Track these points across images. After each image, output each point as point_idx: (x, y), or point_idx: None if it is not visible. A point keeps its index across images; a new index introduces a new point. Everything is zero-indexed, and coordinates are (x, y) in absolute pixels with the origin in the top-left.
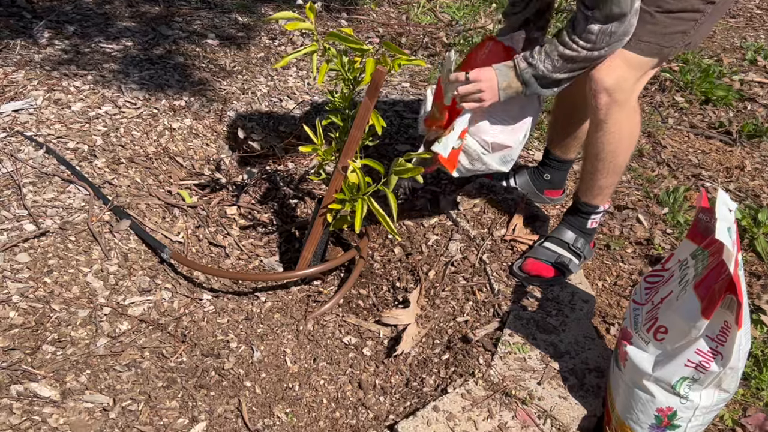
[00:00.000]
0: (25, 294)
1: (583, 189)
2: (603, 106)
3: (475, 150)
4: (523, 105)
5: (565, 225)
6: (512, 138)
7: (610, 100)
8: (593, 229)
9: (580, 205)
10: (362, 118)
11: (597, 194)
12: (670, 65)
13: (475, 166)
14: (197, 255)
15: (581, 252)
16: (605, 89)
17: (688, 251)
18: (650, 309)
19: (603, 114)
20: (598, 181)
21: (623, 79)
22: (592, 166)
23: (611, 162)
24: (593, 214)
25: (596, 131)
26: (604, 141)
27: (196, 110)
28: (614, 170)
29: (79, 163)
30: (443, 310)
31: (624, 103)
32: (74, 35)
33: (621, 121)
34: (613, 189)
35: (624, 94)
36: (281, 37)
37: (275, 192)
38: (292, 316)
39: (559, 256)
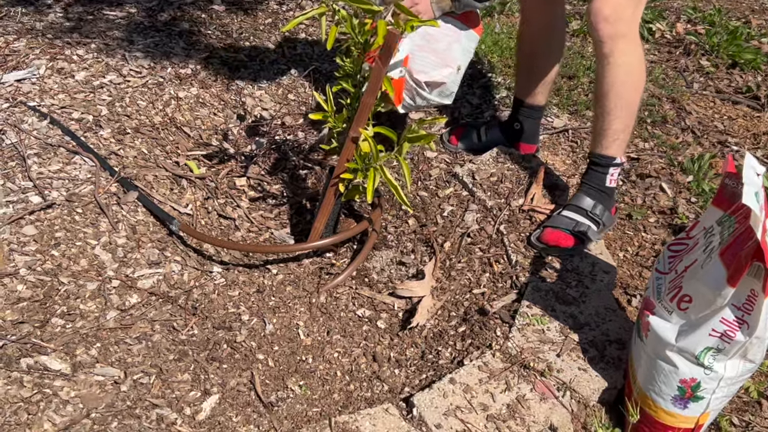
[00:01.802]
0: (32, 267)
1: (596, 140)
2: (606, 37)
3: (414, 87)
4: (449, 41)
5: (582, 191)
6: (443, 73)
7: (612, 30)
8: (613, 188)
9: (595, 158)
10: (374, 83)
11: (612, 141)
12: (695, 28)
13: (417, 102)
14: (206, 227)
15: (600, 218)
16: (605, 18)
17: (713, 218)
18: (674, 278)
19: (608, 47)
20: (611, 125)
21: (621, 7)
22: (603, 108)
23: (622, 99)
24: (611, 167)
25: (603, 67)
26: (612, 76)
27: (203, 78)
28: (627, 109)
29: (84, 134)
30: (459, 282)
31: (627, 34)
32: (77, 2)
33: (626, 52)
34: (626, 138)
35: (625, 23)
36: (289, 2)
37: (285, 162)
38: (305, 289)
39: (577, 224)
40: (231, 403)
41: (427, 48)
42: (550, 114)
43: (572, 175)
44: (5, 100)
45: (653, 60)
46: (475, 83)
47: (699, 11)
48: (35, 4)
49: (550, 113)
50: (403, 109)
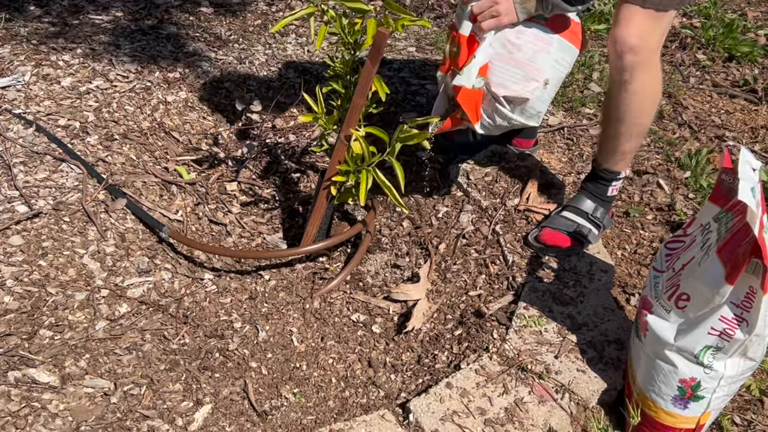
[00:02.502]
0: (19, 278)
1: (604, 155)
2: (628, 66)
3: (492, 102)
4: (535, 50)
5: (584, 193)
6: (528, 87)
7: (635, 59)
8: (613, 196)
9: (601, 171)
10: (364, 84)
11: (620, 160)
12: (690, 21)
13: (497, 121)
14: (197, 233)
15: (601, 222)
16: (630, 48)
17: (710, 214)
18: (671, 276)
19: (628, 75)
20: (621, 146)
21: (647, 36)
22: (615, 131)
23: (635, 125)
24: (614, 181)
25: (620, 93)
26: (628, 103)
27: (192, 82)
28: (638, 133)
29: (70, 141)
30: (455, 284)
31: (648, 62)
32: (62, 7)
33: (646, 81)
34: (634, 153)
35: (648, 52)
36: (279, 3)
37: (276, 166)
38: (298, 295)
39: (578, 226)
40: (224, 413)
41: (508, 58)
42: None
43: (568, 173)
44: None
45: None
46: None
47: (694, 4)
48: (20, 9)
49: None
50: (482, 129)
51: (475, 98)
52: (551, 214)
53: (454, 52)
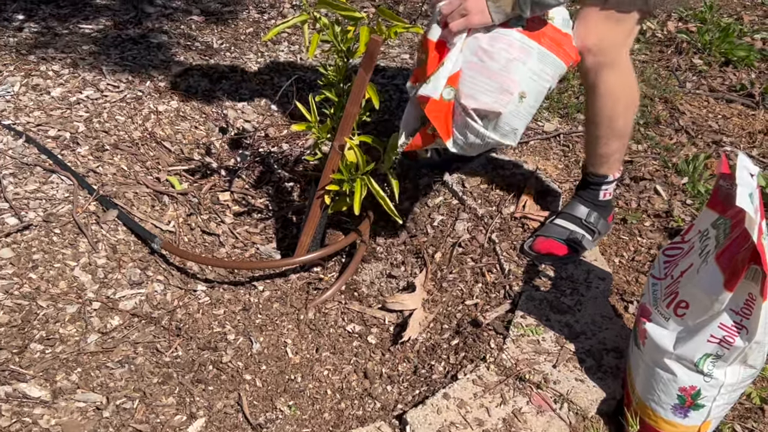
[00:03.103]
0: (9, 291)
1: (588, 159)
2: (590, 68)
3: (462, 115)
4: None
5: (576, 199)
6: (499, 100)
7: (596, 61)
8: (607, 201)
9: (588, 176)
10: (358, 91)
11: (603, 162)
12: (686, 26)
13: (470, 138)
14: (190, 244)
15: (594, 227)
16: (589, 49)
17: (708, 221)
18: (670, 283)
19: (592, 77)
20: (599, 149)
21: (606, 37)
22: (592, 134)
23: (609, 127)
24: (603, 185)
25: (589, 96)
26: (598, 106)
27: (183, 91)
28: (615, 135)
29: (61, 152)
30: (451, 293)
31: (612, 64)
32: (50, 16)
33: (612, 83)
34: (619, 156)
35: (610, 53)
36: (271, 11)
37: (269, 175)
38: (292, 305)
39: (571, 233)
40: (218, 427)
41: (480, 66)
42: (540, 118)
43: (564, 180)
44: None
45: (644, 60)
46: None
47: (690, 8)
48: (8, 19)
49: (541, 117)
50: (454, 146)
51: (444, 111)
52: (546, 222)
53: (423, 59)
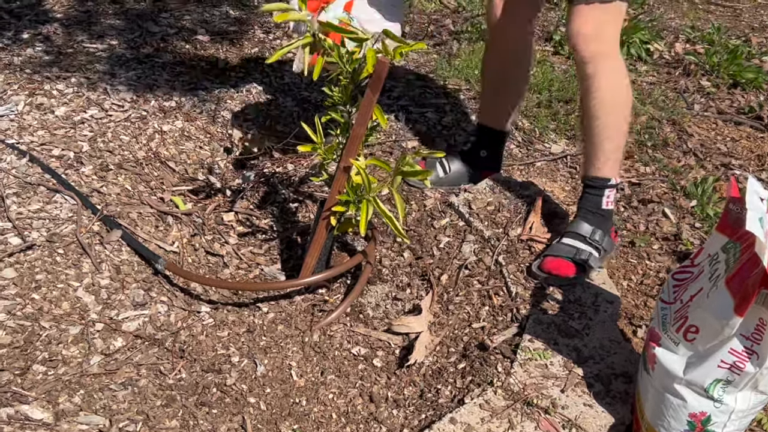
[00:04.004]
0: (12, 312)
1: (588, 162)
2: (589, 58)
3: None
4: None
5: (580, 216)
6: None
7: (594, 49)
8: (610, 210)
9: (589, 181)
10: (365, 113)
11: (604, 162)
12: (694, 47)
13: None
14: (194, 265)
15: (600, 244)
16: (585, 38)
17: (718, 245)
18: (679, 308)
19: (592, 67)
20: (603, 146)
21: (602, 26)
22: (593, 131)
23: (612, 119)
24: (606, 189)
25: (588, 89)
26: (599, 98)
27: (188, 111)
28: (618, 129)
29: (65, 171)
30: (458, 316)
31: (610, 54)
32: (56, 35)
33: (611, 71)
34: (620, 156)
35: (607, 42)
36: (276, 31)
37: (274, 196)
38: (297, 327)
39: (577, 251)
40: None
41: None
42: (547, 140)
43: (572, 202)
44: None
45: (652, 81)
46: (469, 109)
47: (698, 30)
48: (13, 38)
49: (548, 139)
50: None
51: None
52: (552, 243)
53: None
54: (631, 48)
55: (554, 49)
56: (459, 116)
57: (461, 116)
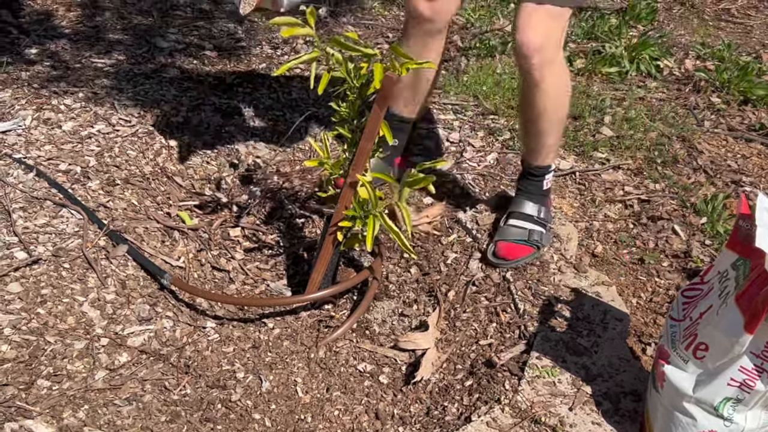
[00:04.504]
0: (17, 326)
1: (532, 154)
2: (537, 67)
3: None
4: None
5: (522, 196)
6: None
7: (541, 59)
8: (548, 189)
9: (533, 170)
10: (372, 128)
11: (548, 153)
12: (704, 64)
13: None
14: (199, 280)
15: (546, 221)
16: (536, 49)
17: (728, 261)
18: (689, 325)
19: (539, 75)
20: (546, 142)
21: (550, 34)
22: (536, 128)
23: (554, 119)
24: (547, 174)
25: (533, 93)
26: (543, 101)
27: (195, 126)
28: (558, 125)
29: (71, 186)
30: (465, 332)
31: (554, 60)
32: (63, 50)
33: (555, 77)
34: (559, 145)
35: (553, 50)
36: (284, 46)
37: (281, 211)
38: (303, 343)
39: (530, 232)
40: None
41: None
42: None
43: (580, 218)
44: None
45: (662, 98)
46: (477, 125)
47: (708, 47)
48: (21, 53)
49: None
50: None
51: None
52: (500, 225)
53: None
54: (641, 65)
55: None
56: (467, 131)
57: (468, 131)
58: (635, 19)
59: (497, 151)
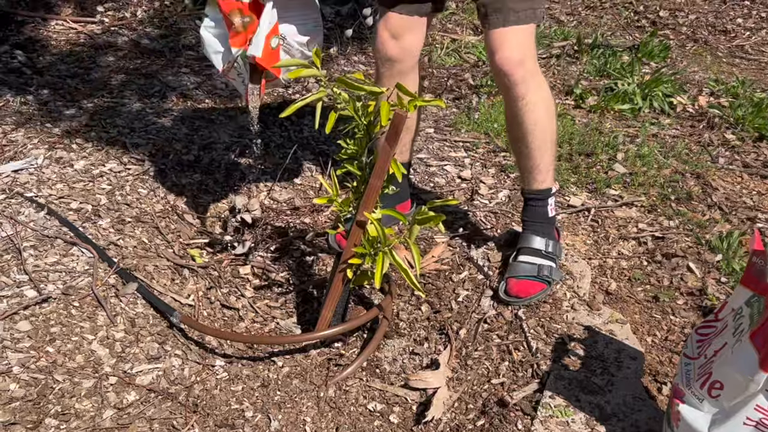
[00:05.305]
0: (26, 364)
1: (529, 177)
2: (520, 80)
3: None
4: None
5: (529, 230)
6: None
7: (524, 71)
8: (554, 217)
9: (533, 195)
10: (382, 165)
11: (546, 174)
12: (718, 100)
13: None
14: (209, 318)
15: (555, 255)
16: (518, 63)
17: (742, 299)
18: (703, 363)
19: (523, 89)
20: (543, 160)
21: (526, 48)
22: (529, 146)
23: (546, 132)
24: (549, 198)
25: (519, 109)
26: (533, 115)
27: (206, 164)
28: (552, 141)
29: (82, 224)
30: (476, 371)
31: (535, 72)
32: (76, 90)
33: (538, 88)
34: (554, 165)
35: (532, 62)
36: (296, 85)
37: (291, 248)
38: (312, 382)
39: (539, 268)
40: None
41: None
42: (567, 193)
43: (593, 256)
44: (1, 191)
45: (675, 135)
46: (488, 162)
47: (722, 83)
48: (34, 93)
49: (568, 192)
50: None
51: (275, 57)
52: (509, 262)
53: (247, 21)
54: (654, 101)
55: (575, 103)
56: (478, 168)
57: (480, 168)
58: (648, 56)
59: (509, 188)
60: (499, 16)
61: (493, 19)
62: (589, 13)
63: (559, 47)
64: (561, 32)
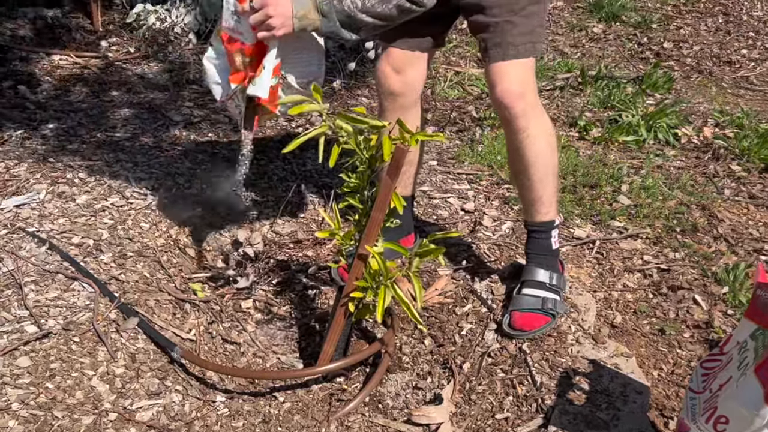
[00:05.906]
0: (25, 401)
1: (532, 209)
2: (521, 113)
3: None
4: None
5: (533, 263)
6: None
7: (525, 103)
8: (558, 250)
9: (536, 227)
10: (384, 198)
11: (549, 206)
12: (724, 131)
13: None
14: (210, 353)
15: (559, 288)
16: (518, 96)
17: (747, 332)
18: (708, 397)
19: (524, 122)
20: (545, 192)
21: (526, 82)
22: (532, 179)
23: (549, 164)
24: (552, 230)
25: (521, 141)
26: (535, 147)
27: (209, 198)
28: (553, 174)
29: (83, 259)
30: (480, 406)
31: (536, 104)
32: (79, 125)
33: (539, 120)
34: (557, 197)
35: (532, 95)
36: (299, 119)
37: (293, 282)
38: (314, 418)
39: (543, 301)
40: None
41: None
42: (572, 225)
43: (598, 288)
44: (3, 226)
45: (680, 166)
46: (492, 194)
47: (727, 114)
48: (37, 128)
49: (572, 224)
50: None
51: (274, 96)
52: (513, 295)
53: (247, 62)
54: (659, 133)
55: (579, 135)
56: (482, 200)
57: (483, 200)
58: (652, 87)
59: (512, 220)
60: (498, 50)
61: (493, 53)
62: (593, 45)
63: (563, 79)
64: (565, 64)
